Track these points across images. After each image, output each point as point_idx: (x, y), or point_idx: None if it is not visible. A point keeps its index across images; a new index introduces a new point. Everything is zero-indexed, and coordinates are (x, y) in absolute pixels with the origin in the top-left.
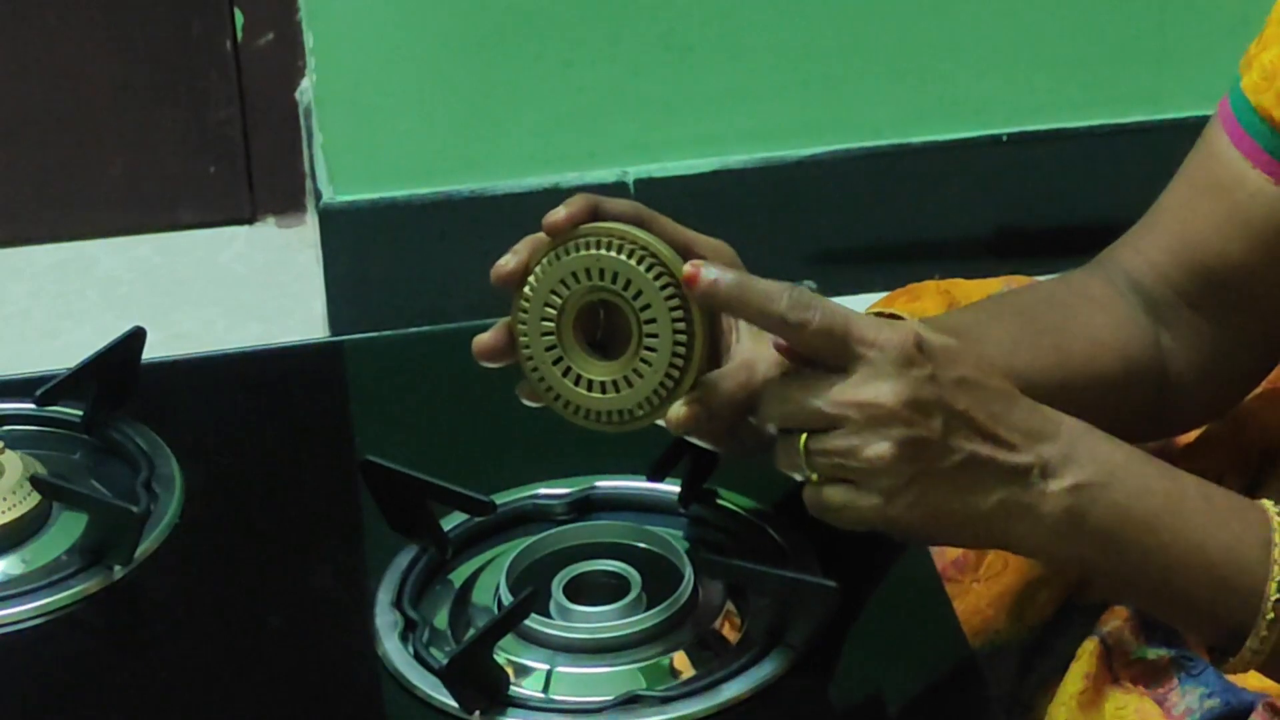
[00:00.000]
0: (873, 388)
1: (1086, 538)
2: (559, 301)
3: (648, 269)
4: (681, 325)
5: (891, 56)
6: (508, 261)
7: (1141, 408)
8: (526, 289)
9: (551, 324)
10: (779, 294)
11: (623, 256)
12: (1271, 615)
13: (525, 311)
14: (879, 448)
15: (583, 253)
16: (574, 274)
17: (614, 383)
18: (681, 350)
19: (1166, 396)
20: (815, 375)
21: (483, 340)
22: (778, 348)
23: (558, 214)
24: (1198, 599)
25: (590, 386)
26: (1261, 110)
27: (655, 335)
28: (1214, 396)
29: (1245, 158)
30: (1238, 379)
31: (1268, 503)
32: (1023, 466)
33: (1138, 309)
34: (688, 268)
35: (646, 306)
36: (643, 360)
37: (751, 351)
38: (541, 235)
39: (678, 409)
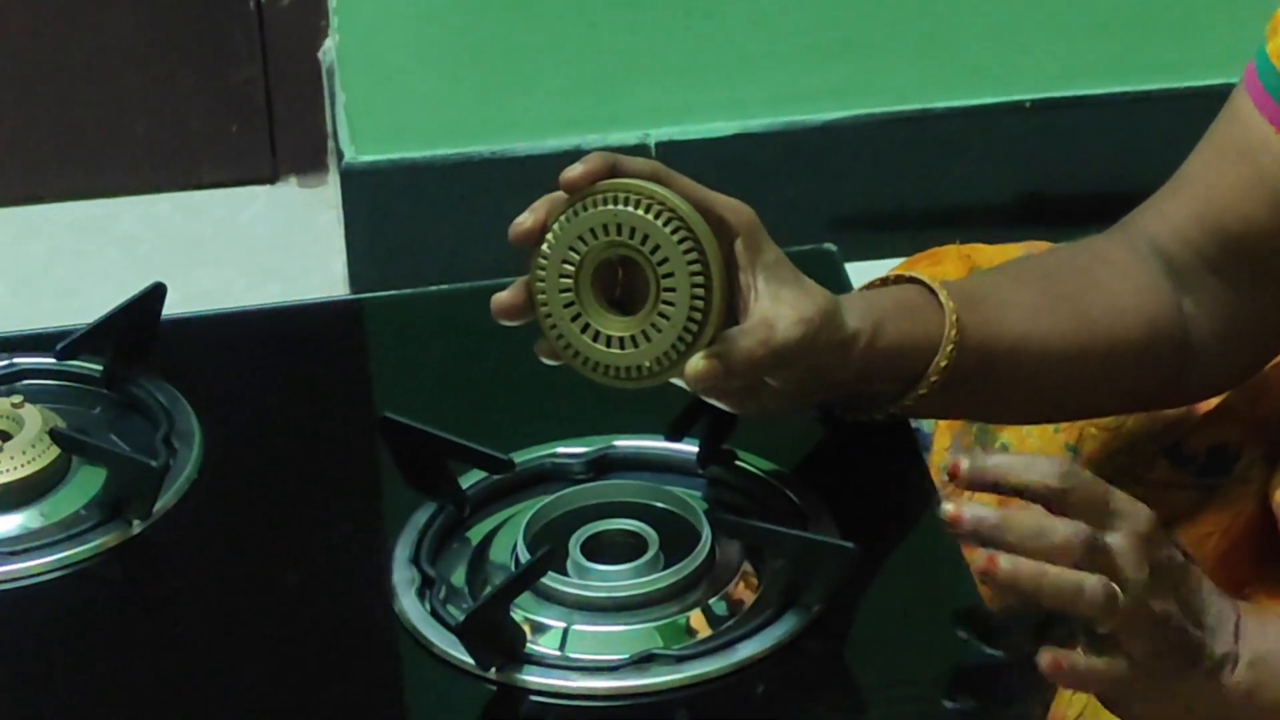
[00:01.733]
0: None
1: (1259, 712)
2: (576, 258)
3: (665, 223)
4: (699, 280)
5: (915, 21)
6: (525, 219)
7: (1162, 373)
8: (544, 246)
9: (569, 280)
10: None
11: (640, 211)
12: None
13: (543, 269)
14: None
15: (600, 208)
16: (591, 230)
17: (632, 338)
18: (699, 305)
19: (1188, 362)
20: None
21: (501, 298)
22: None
23: (575, 170)
24: None
25: (609, 342)
26: None
27: (672, 290)
28: (1236, 362)
29: (1270, 123)
30: (1260, 345)
31: None
32: (1220, 656)
33: (1160, 274)
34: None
35: (664, 261)
36: (660, 315)
37: (771, 310)
38: (559, 194)
39: (695, 363)
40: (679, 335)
